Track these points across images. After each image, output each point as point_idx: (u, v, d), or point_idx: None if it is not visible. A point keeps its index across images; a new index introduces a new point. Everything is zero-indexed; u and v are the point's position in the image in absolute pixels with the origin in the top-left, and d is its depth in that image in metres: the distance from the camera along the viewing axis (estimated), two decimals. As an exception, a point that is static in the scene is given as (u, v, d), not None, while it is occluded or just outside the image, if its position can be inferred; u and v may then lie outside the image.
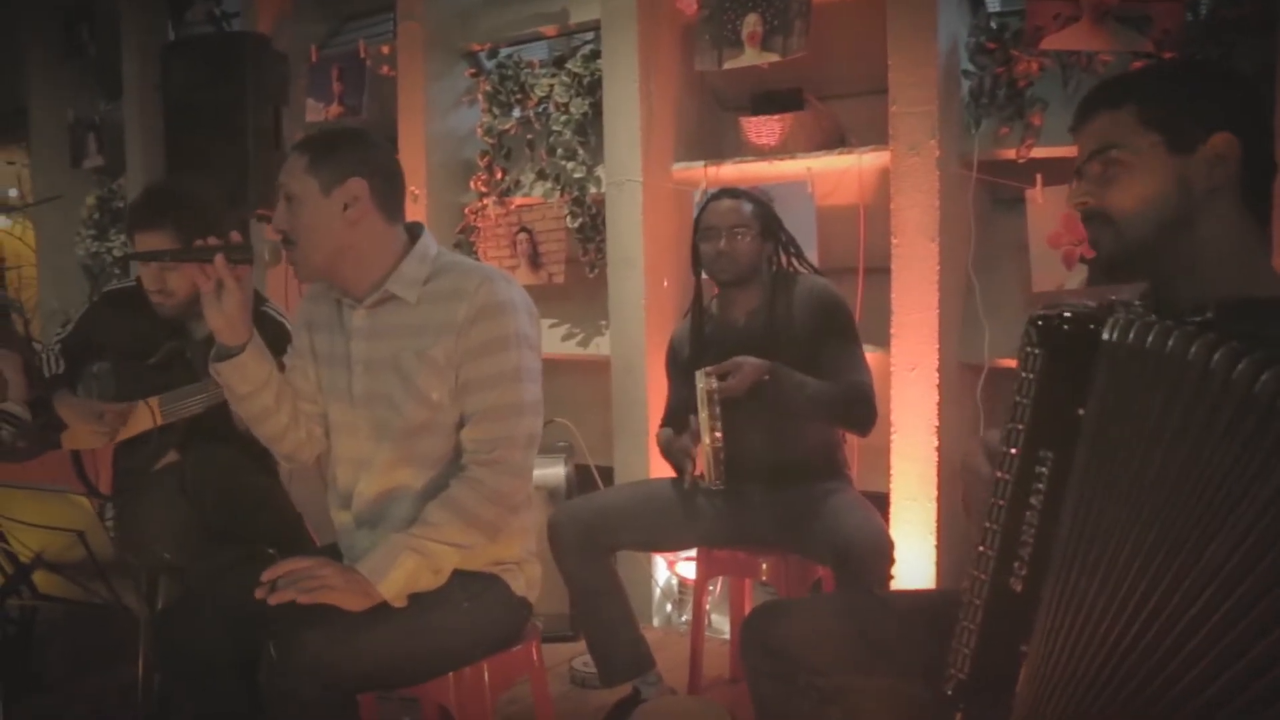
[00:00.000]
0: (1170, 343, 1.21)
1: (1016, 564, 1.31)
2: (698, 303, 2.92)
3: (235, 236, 2.06)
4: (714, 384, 2.56)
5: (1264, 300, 1.36)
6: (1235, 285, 1.38)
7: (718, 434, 2.57)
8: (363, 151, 1.97)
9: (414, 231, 2.05)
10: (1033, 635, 1.31)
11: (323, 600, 1.76)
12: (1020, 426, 1.31)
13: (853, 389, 2.67)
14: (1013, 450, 1.32)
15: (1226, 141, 1.38)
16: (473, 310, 1.92)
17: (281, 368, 2.12)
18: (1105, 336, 1.27)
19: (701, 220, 2.83)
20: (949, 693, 1.37)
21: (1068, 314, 1.30)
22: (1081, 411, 1.28)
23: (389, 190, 1.99)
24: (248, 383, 2.03)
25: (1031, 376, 1.31)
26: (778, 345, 2.72)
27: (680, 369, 2.95)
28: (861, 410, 2.67)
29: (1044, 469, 1.30)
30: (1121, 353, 1.25)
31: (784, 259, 2.85)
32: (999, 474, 1.33)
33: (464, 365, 1.93)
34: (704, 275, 2.88)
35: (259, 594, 1.76)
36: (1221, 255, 1.40)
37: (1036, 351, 1.30)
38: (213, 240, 1.99)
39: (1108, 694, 1.26)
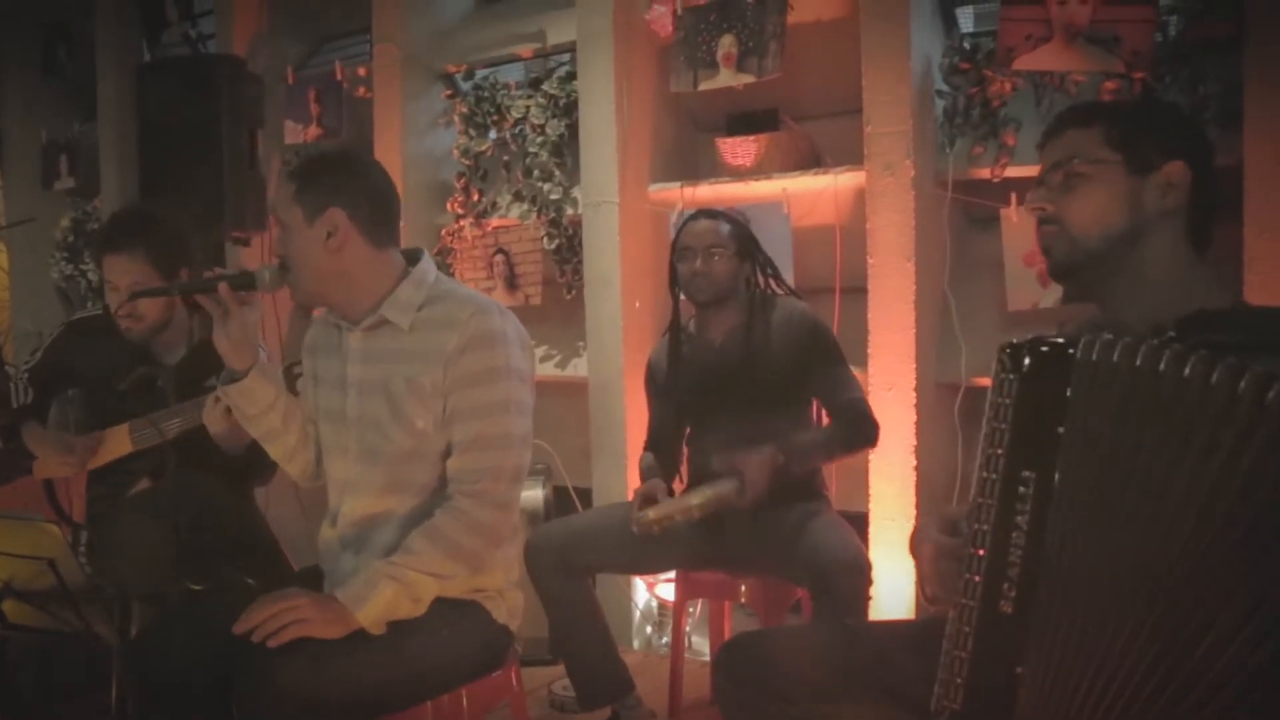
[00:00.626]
0: (1139, 358, 1.25)
1: (1005, 585, 1.31)
2: (676, 323, 2.92)
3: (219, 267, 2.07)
4: (731, 497, 2.50)
5: (1215, 312, 1.44)
6: (1177, 304, 1.45)
7: (694, 515, 2.52)
8: (344, 179, 1.96)
9: (413, 257, 2.05)
10: (1027, 655, 1.30)
11: (299, 635, 1.75)
12: (999, 450, 1.32)
13: (851, 414, 2.70)
14: (993, 475, 1.32)
15: (1180, 170, 1.50)
16: (463, 340, 1.91)
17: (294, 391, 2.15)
18: (1077, 355, 1.30)
19: (679, 240, 2.84)
20: None
21: (1037, 338, 1.34)
22: (1061, 430, 1.30)
23: (374, 217, 1.97)
24: (254, 405, 2.05)
25: (1007, 401, 1.32)
26: (754, 365, 2.73)
27: (659, 390, 2.95)
28: (866, 430, 2.71)
29: (1026, 489, 1.30)
30: (1094, 370, 1.28)
31: (761, 279, 2.85)
32: (979, 498, 1.34)
33: (452, 394, 1.92)
34: (681, 296, 2.88)
35: (238, 629, 1.75)
36: (1165, 276, 1.50)
37: (1011, 377, 1.32)
38: (185, 270, 1.99)
39: (1108, 705, 1.26)
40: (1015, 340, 1.34)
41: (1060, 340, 1.32)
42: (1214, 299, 1.48)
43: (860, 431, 2.71)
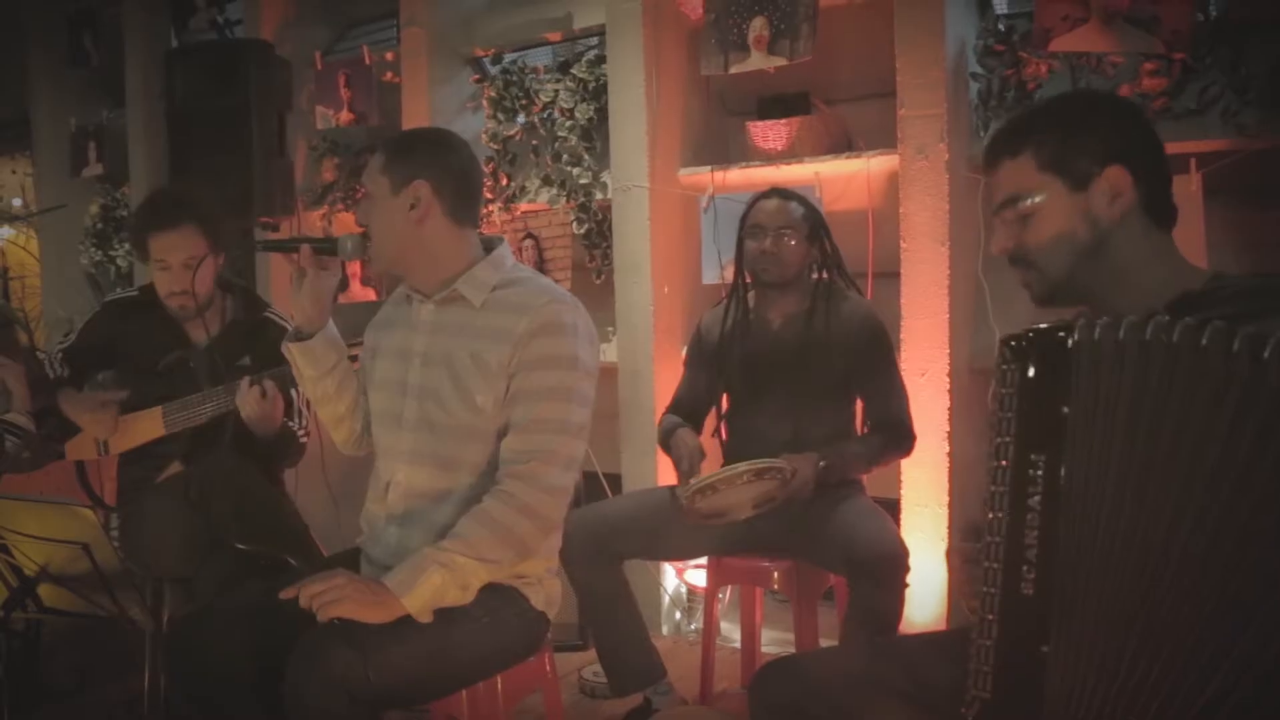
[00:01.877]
0: (1149, 332, 1.29)
1: (1024, 568, 1.33)
2: (738, 295, 2.88)
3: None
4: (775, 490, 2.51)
5: (1200, 292, 1.47)
6: (1161, 289, 1.49)
7: (748, 513, 2.53)
8: (434, 155, 2.02)
9: (491, 243, 2.10)
10: (1051, 635, 1.32)
11: (337, 614, 1.75)
12: (1008, 438, 1.35)
13: (893, 428, 2.72)
14: (1003, 462, 1.35)
15: (1118, 174, 1.50)
16: (534, 325, 1.94)
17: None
18: (1075, 337, 1.33)
19: (749, 218, 2.81)
20: (971, 718, 1.36)
21: (1036, 327, 1.37)
22: (1066, 409, 1.32)
23: (458, 195, 2.02)
24: (315, 366, 2.12)
25: (1011, 390, 1.35)
26: (809, 356, 2.71)
27: (702, 358, 2.92)
28: (904, 444, 2.75)
29: (1038, 472, 1.32)
30: (1097, 349, 1.31)
31: (825, 269, 2.81)
32: (992, 487, 1.36)
33: (517, 375, 1.95)
34: (746, 275, 2.85)
35: (285, 594, 1.78)
36: (1142, 268, 1.52)
37: (1012, 366, 1.36)
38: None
39: (1139, 680, 1.27)
40: (1014, 332, 1.38)
41: (1059, 325, 1.35)
42: (1193, 278, 1.51)
43: (898, 446, 2.74)
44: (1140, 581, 1.27)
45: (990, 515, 1.35)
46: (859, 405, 2.84)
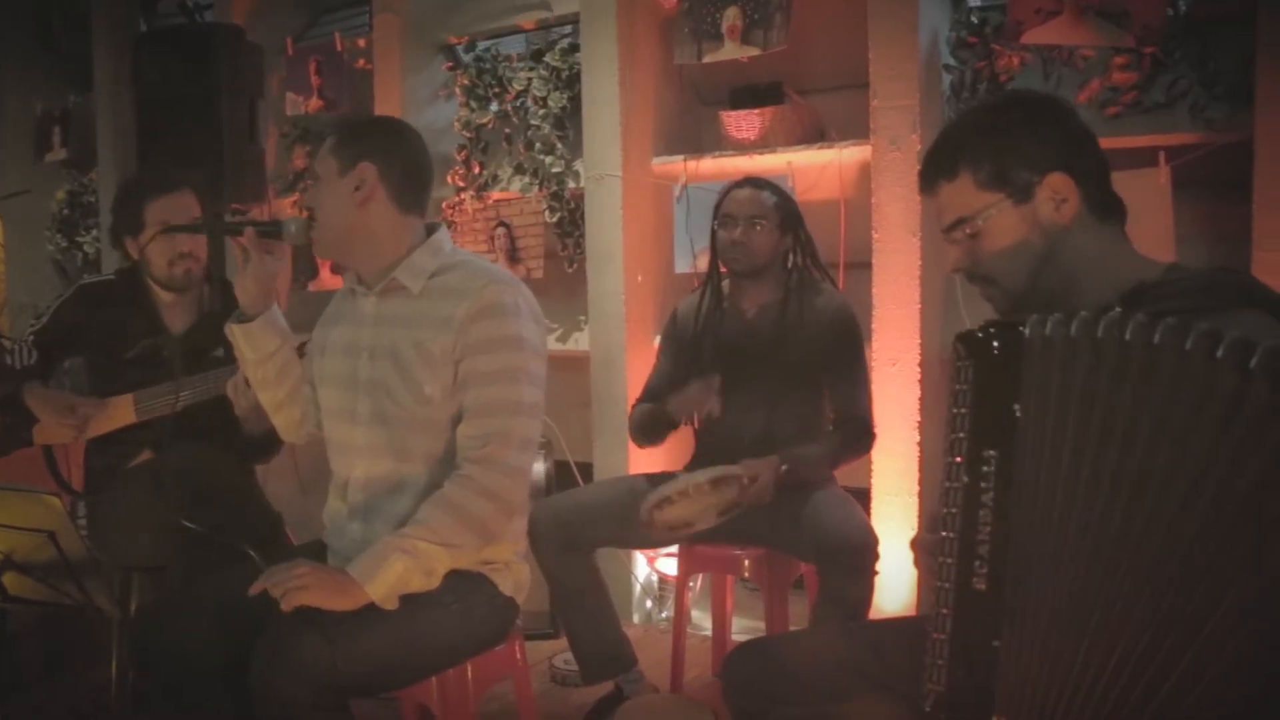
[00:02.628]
0: (1100, 330, 1.28)
1: (977, 563, 1.34)
2: (713, 284, 2.88)
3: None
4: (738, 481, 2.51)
5: (1155, 283, 1.47)
6: (1117, 283, 1.49)
7: (713, 521, 2.53)
8: (383, 140, 2.02)
9: (431, 229, 2.09)
10: (1004, 629, 1.33)
11: (300, 602, 1.74)
12: (962, 434, 1.36)
13: (854, 426, 2.72)
14: (958, 459, 1.36)
15: (1061, 181, 1.51)
16: (474, 309, 1.92)
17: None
18: (1026, 334, 1.34)
19: (721, 207, 2.81)
20: (927, 709, 1.38)
21: (990, 323, 1.39)
22: (1017, 407, 1.33)
23: (404, 180, 2.01)
24: (256, 350, 2.10)
25: (965, 386, 1.36)
26: (781, 347, 2.71)
27: (677, 345, 2.92)
28: (864, 442, 2.75)
29: (990, 468, 1.34)
30: (1045, 346, 1.32)
31: (800, 258, 2.81)
32: (946, 483, 1.37)
33: (463, 361, 1.93)
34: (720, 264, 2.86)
35: (252, 591, 1.76)
36: (1096, 265, 1.52)
37: (967, 363, 1.36)
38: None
39: (1094, 673, 1.28)
40: (969, 328, 1.38)
41: (1011, 322, 1.36)
42: (1147, 269, 1.51)
43: (859, 444, 2.74)
44: (1092, 577, 1.27)
45: (945, 510, 1.37)
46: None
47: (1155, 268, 1.52)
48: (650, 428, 2.80)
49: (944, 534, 1.36)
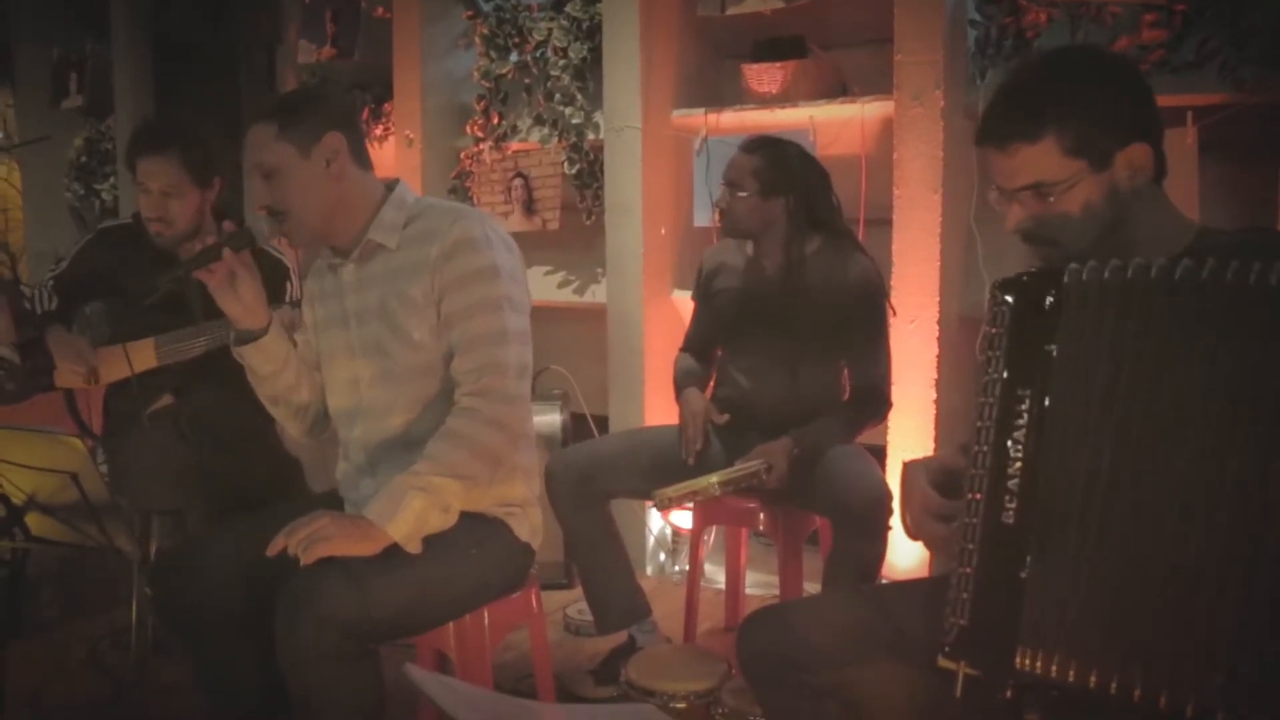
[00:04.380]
0: (1130, 272, 1.33)
1: (1006, 498, 1.37)
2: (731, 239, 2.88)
3: (229, 226, 2.04)
4: (755, 477, 2.52)
5: (1188, 249, 1.48)
6: (1170, 244, 1.50)
7: (715, 493, 2.51)
8: (328, 105, 1.98)
9: (390, 185, 2.07)
10: (1030, 562, 1.35)
11: (322, 554, 1.75)
12: (996, 375, 1.39)
13: (869, 396, 2.70)
14: (990, 399, 1.39)
15: (1141, 152, 1.49)
16: (445, 247, 1.92)
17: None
18: (1065, 279, 1.37)
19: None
20: (947, 648, 1.39)
21: (1030, 270, 1.43)
22: (1053, 348, 1.36)
23: (358, 137, 2.01)
24: (271, 362, 2.06)
25: (1001, 330, 1.40)
26: (797, 309, 2.69)
27: (705, 294, 2.92)
28: (879, 411, 2.73)
29: (1023, 406, 1.37)
30: (1084, 290, 1.36)
31: (791, 222, 2.73)
32: (978, 423, 1.39)
33: (443, 300, 1.94)
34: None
35: (271, 552, 1.76)
36: (1152, 231, 1.52)
37: (1003, 307, 1.40)
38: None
39: (1112, 606, 1.30)
40: (1006, 276, 1.41)
41: (1049, 269, 1.40)
42: (1186, 233, 1.52)
43: (873, 414, 2.72)
44: (1121, 510, 1.30)
45: (975, 448, 1.39)
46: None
47: (1190, 229, 1.53)
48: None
49: (973, 471, 1.39)
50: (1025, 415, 1.36)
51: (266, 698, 1.92)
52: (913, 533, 1.62)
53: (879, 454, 3.08)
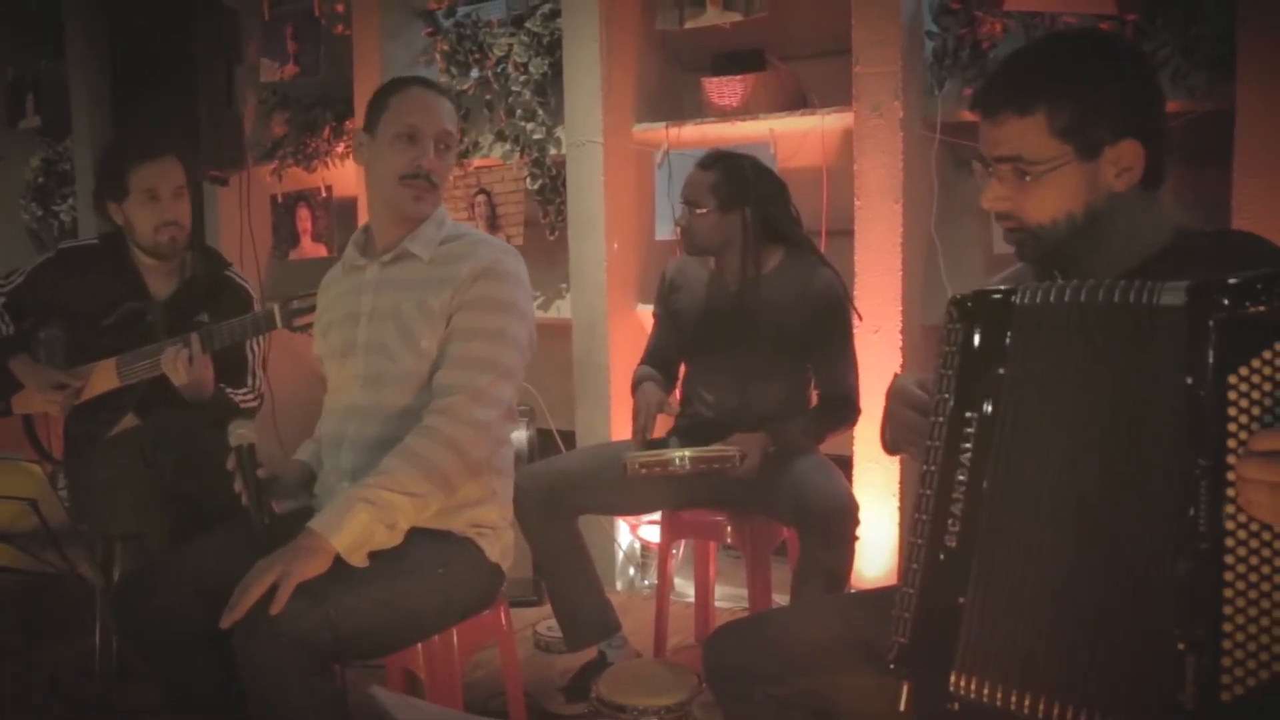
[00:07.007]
0: (1083, 294, 1.29)
1: (950, 521, 1.36)
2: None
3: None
4: (725, 463, 2.53)
5: (1164, 250, 1.46)
6: (1142, 248, 1.47)
7: (686, 468, 2.51)
8: None
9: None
10: (969, 587, 1.34)
11: (287, 592, 1.70)
12: (947, 395, 1.37)
13: (839, 403, 2.72)
14: (940, 419, 1.37)
15: (1132, 150, 1.44)
16: (477, 269, 1.99)
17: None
18: (1017, 301, 1.34)
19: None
20: (891, 663, 1.39)
21: (983, 289, 1.39)
22: (1002, 371, 1.34)
23: None
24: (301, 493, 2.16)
25: (953, 349, 1.37)
26: (761, 322, 2.70)
27: (668, 309, 2.92)
28: (849, 416, 2.75)
29: (970, 429, 1.35)
30: (1035, 313, 1.33)
31: (747, 237, 2.74)
32: (928, 442, 1.38)
33: (455, 315, 1.99)
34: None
35: (225, 624, 1.71)
36: (1128, 232, 1.48)
37: (957, 326, 1.37)
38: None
39: (1050, 629, 1.29)
40: (963, 292, 1.39)
41: (1004, 289, 1.36)
42: (1164, 234, 1.49)
43: (845, 418, 2.74)
44: (1060, 540, 1.28)
45: (924, 468, 1.38)
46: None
47: (1166, 230, 1.49)
48: None
49: (922, 492, 1.38)
50: (972, 440, 1.34)
51: (233, 717, 1.90)
52: (890, 447, 1.62)
53: (845, 464, 3.09)
